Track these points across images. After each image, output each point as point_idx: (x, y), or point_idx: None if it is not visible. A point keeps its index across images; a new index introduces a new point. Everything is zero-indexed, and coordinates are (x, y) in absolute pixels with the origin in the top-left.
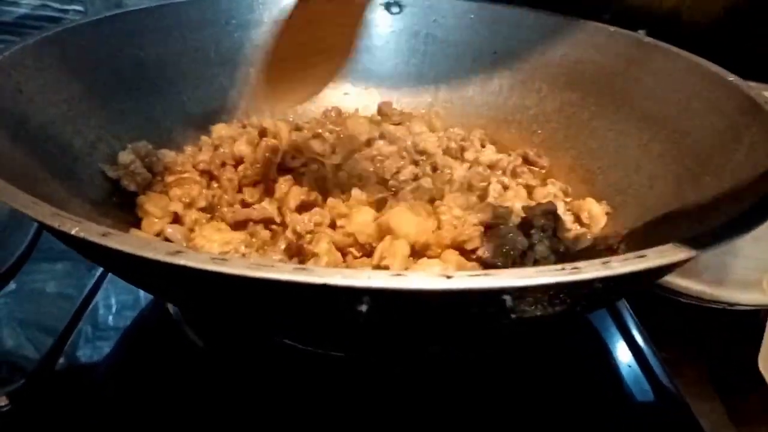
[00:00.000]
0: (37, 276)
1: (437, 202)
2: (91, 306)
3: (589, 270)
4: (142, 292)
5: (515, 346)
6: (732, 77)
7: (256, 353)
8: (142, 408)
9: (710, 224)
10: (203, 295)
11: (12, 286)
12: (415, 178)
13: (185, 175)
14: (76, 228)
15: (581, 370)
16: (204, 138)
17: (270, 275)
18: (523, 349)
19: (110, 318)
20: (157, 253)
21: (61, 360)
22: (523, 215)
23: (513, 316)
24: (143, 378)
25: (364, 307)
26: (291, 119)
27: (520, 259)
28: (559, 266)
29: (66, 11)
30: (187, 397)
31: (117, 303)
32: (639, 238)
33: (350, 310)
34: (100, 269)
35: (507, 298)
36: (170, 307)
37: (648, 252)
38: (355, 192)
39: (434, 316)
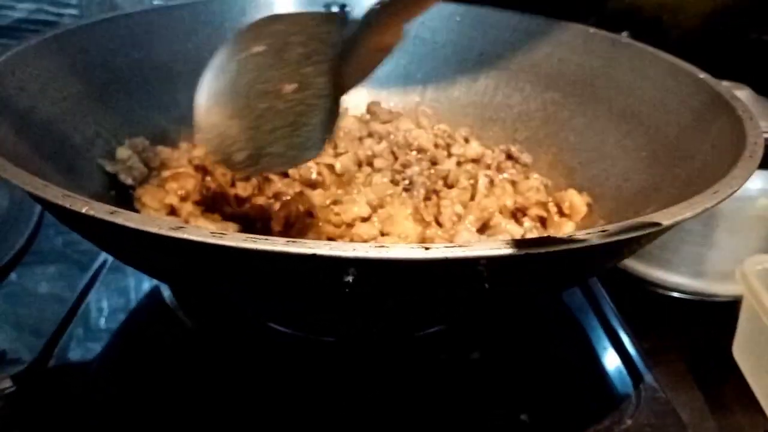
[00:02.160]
0: (30, 278)
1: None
2: (83, 307)
3: (556, 243)
4: (133, 295)
5: (496, 330)
6: (703, 74)
7: (251, 341)
8: (143, 395)
9: None
10: (203, 270)
11: (4, 287)
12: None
13: (181, 169)
14: (86, 207)
15: (560, 358)
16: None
17: (264, 247)
18: (505, 335)
19: (102, 321)
20: (161, 227)
21: (52, 362)
22: (516, 206)
23: (487, 285)
24: (142, 365)
25: (349, 278)
26: None
27: None
28: (528, 239)
29: (61, 15)
30: (181, 383)
31: (109, 306)
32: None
33: (337, 280)
34: (93, 271)
35: (482, 268)
36: (166, 297)
37: (610, 227)
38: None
39: (414, 286)
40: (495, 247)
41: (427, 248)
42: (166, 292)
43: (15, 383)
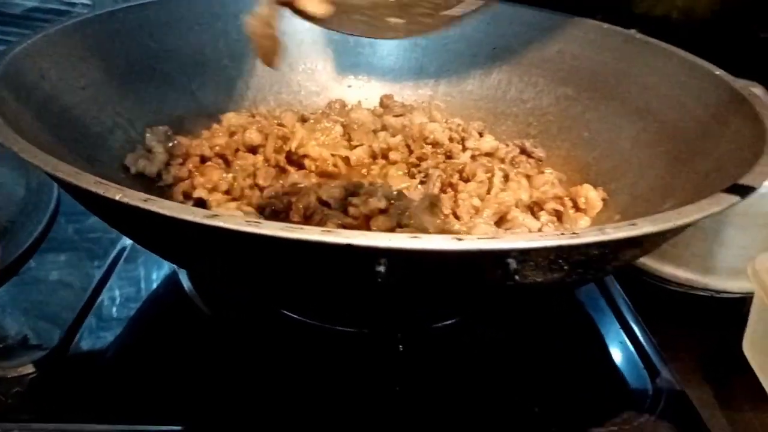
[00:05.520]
0: (42, 267)
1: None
2: (103, 293)
3: (587, 235)
4: (143, 285)
5: (512, 324)
6: (718, 71)
7: (268, 328)
8: (161, 380)
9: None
10: (233, 258)
11: (18, 276)
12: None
13: (208, 163)
14: (119, 195)
15: (575, 352)
16: (215, 126)
17: (300, 236)
18: (521, 329)
19: (114, 310)
20: (196, 215)
21: (73, 347)
22: (533, 200)
23: (516, 278)
24: (160, 350)
25: (382, 268)
26: (296, 110)
27: None
28: (559, 231)
29: (74, 4)
30: (198, 368)
31: (121, 296)
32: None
33: (369, 270)
34: (106, 261)
35: (511, 261)
36: (183, 283)
37: (639, 220)
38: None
39: (446, 277)
40: (528, 239)
41: (460, 239)
42: (183, 279)
43: (37, 369)
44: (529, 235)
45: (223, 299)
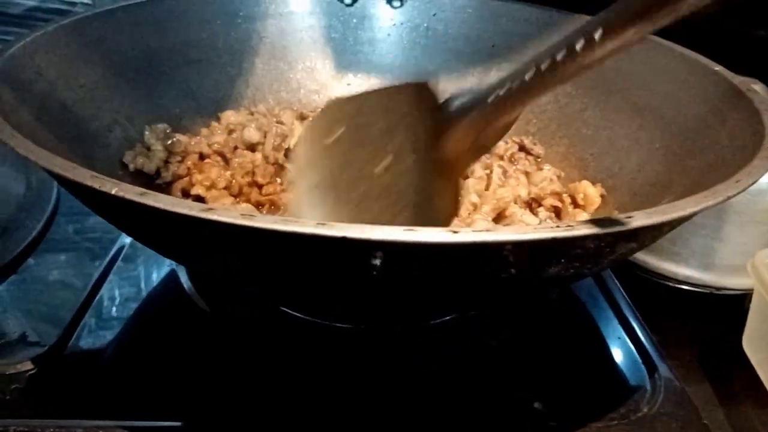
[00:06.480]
0: (42, 266)
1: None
2: (102, 290)
3: (582, 228)
4: (143, 284)
5: (511, 320)
6: (717, 67)
7: (267, 325)
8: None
9: None
10: (229, 253)
11: (17, 275)
12: None
13: (207, 160)
14: (115, 188)
15: (574, 348)
16: (214, 124)
17: (295, 229)
18: (520, 326)
19: (114, 309)
20: (192, 209)
21: (73, 343)
22: (531, 196)
23: (512, 271)
24: (159, 348)
25: (377, 261)
26: (296, 108)
27: None
28: (554, 224)
29: (74, 4)
30: (196, 366)
31: (120, 295)
32: None
33: (365, 263)
34: (106, 260)
35: (507, 253)
36: (183, 281)
37: (635, 213)
38: None
39: (441, 271)
40: (524, 231)
41: (455, 232)
42: (183, 277)
43: (35, 365)
44: (525, 227)
45: (223, 297)
